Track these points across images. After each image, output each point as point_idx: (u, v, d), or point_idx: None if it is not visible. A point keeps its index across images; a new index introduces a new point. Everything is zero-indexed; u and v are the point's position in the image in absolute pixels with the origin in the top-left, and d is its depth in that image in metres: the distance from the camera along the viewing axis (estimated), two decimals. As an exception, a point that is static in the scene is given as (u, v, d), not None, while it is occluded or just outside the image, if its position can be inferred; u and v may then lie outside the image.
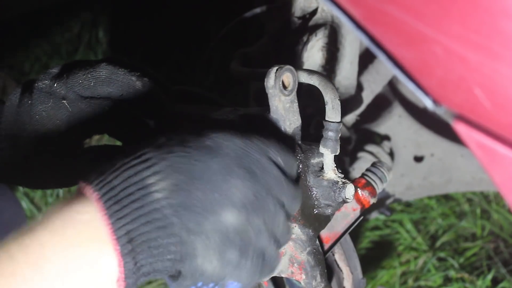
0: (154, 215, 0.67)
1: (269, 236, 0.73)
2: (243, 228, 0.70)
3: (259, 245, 0.72)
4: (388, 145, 1.81)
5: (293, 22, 1.39)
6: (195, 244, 0.68)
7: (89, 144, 1.00)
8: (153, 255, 0.68)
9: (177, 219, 0.68)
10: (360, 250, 2.06)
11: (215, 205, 0.69)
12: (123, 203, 0.68)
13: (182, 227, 0.68)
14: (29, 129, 0.92)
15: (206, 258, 0.69)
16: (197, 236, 0.68)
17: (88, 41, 2.74)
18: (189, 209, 0.68)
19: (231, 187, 0.70)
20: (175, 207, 0.68)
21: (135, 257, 0.67)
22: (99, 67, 0.92)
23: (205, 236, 0.69)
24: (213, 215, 0.69)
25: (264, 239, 0.72)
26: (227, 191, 0.70)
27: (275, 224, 0.73)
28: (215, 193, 0.69)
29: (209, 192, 0.69)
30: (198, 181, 0.69)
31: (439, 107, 0.72)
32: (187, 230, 0.68)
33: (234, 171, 0.71)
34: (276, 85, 0.83)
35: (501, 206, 2.12)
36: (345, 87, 1.43)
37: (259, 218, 0.71)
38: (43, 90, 0.92)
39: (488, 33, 0.60)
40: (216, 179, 0.70)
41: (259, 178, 0.72)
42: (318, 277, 0.89)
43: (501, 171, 0.71)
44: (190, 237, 0.68)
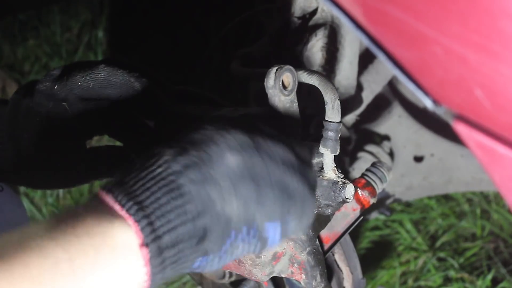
0: (160, 183, 0.67)
1: (281, 165, 0.72)
2: (249, 164, 0.70)
3: (273, 175, 0.71)
4: (388, 145, 1.81)
5: (293, 22, 1.39)
6: (208, 192, 0.68)
7: (90, 145, 1.00)
8: (171, 219, 0.66)
9: (183, 179, 0.67)
10: (360, 250, 2.06)
11: (215, 154, 0.69)
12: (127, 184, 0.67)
13: (191, 183, 0.67)
14: (30, 130, 0.92)
15: (224, 201, 0.68)
16: (207, 185, 0.68)
17: (88, 41, 2.74)
18: (192, 165, 0.68)
19: (226, 136, 0.71)
20: (179, 170, 0.68)
21: (151, 223, 0.64)
22: (97, 69, 0.92)
23: (214, 182, 0.68)
24: (216, 162, 0.69)
25: (276, 168, 0.72)
26: (223, 140, 0.71)
27: (283, 156, 0.73)
28: (212, 146, 0.70)
29: (207, 147, 0.70)
30: (195, 144, 0.70)
31: (439, 107, 0.72)
32: (195, 184, 0.67)
33: (226, 127, 0.72)
34: (276, 85, 0.83)
35: (501, 206, 2.12)
36: (345, 87, 1.43)
37: (262, 153, 0.71)
38: (44, 92, 0.93)
39: (488, 33, 0.60)
40: (211, 136, 0.71)
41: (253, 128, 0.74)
42: (318, 277, 0.89)
43: (501, 171, 0.71)
44: (200, 189, 0.68)
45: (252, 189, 0.69)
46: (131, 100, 0.93)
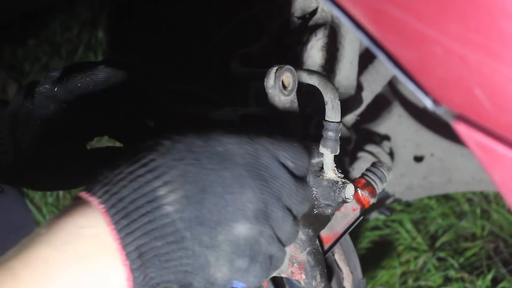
0: (165, 229, 0.66)
1: (277, 242, 0.73)
2: (254, 238, 0.70)
3: (267, 252, 0.72)
4: (388, 145, 1.81)
5: (293, 22, 1.39)
6: (208, 256, 0.68)
7: (91, 146, 1.00)
8: (164, 268, 0.67)
9: (189, 233, 0.67)
10: (360, 250, 2.06)
11: (228, 218, 0.68)
12: (132, 216, 0.65)
13: (195, 241, 0.67)
14: (31, 133, 0.92)
15: (217, 268, 0.69)
16: (210, 249, 0.68)
17: (88, 41, 2.74)
18: (201, 223, 0.67)
19: (244, 200, 0.69)
20: (187, 221, 0.66)
21: (145, 271, 0.66)
22: (97, 70, 0.92)
23: (218, 248, 0.68)
24: (226, 228, 0.68)
25: (273, 245, 0.73)
26: (240, 203, 0.69)
27: (282, 229, 0.74)
28: (228, 206, 0.68)
29: (221, 205, 0.68)
30: (210, 193, 0.68)
31: (439, 107, 0.72)
32: (200, 244, 0.67)
33: (246, 182, 0.70)
34: (276, 85, 0.83)
35: (501, 206, 2.12)
36: (345, 87, 1.43)
37: (269, 227, 0.72)
38: (44, 94, 0.93)
39: (488, 33, 0.60)
40: (229, 191, 0.69)
41: (270, 185, 0.72)
42: (318, 277, 0.89)
43: (501, 171, 0.71)
44: (203, 250, 0.68)
45: (246, 263, 0.70)
46: (132, 100, 0.94)
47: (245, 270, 0.71)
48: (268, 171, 0.72)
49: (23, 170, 0.95)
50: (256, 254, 0.71)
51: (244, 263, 0.70)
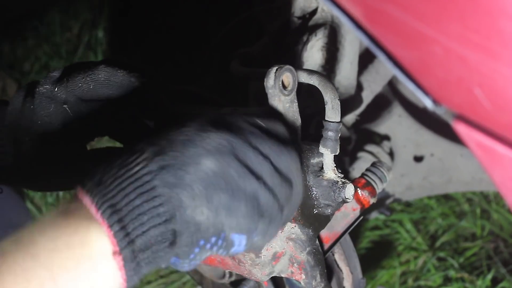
0: (135, 184, 0.68)
1: (256, 179, 0.72)
2: (225, 171, 0.70)
3: (248, 188, 0.71)
4: (388, 145, 1.81)
5: (293, 22, 1.39)
6: (180, 196, 0.68)
7: (91, 146, 1.00)
8: (143, 222, 0.67)
9: (158, 180, 0.68)
10: (360, 250, 2.06)
11: (192, 157, 0.70)
12: (104, 184, 0.68)
13: (164, 186, 0.68)
14: (31, 133, 0.92)
15: (195, 208, 0.69)
16: (180, 188, 0.68)
17: (88, 41, 2.74)
18: (167, 167, 0.69)
19: (205, 139, 0.71)
20: (155, 171, 0.68)
21: (124, 226, 0.66)
22: (97, 69, 0.92)
23: (189, 187, 0.68)
24: (192, 165, 0.69)
25: (251, 181, 0.72)
26: (202, 142, 0.71)
27: (259, 169, 0.73)
28: (190, 148, 0.70)
29: (184, 149, 0.70)
30: (174, 144, 0.70)
31: (439, 107, 0.72)
32: (169, 186, 0.68)
33: (206, 127, 0.72)
34: (276, 85, 0.83)
35: (501, 206, 2.12)
36: (345, 87, 1.43)
37: (239, 162, 0.71)
38: (44, 94, 0.93)
39: (487, 33, 0.61)
40: (190, 137, 0.71)
41: (235, 132, 0.73)
42: (318, 277, 0.89)
43: (501, 171, 0.71)
44: (173, 191, 0.68)
45: (224, 199, 0.70)
46: (132, 100, 0.93)
47: (227, 208, 0.70)
48: (234, 125, 0.74)
49: (23, 170, 0.95)
50: (234, 189, 0.70)
51: (223, 198, 0.69)
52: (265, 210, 0.73)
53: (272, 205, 0.73)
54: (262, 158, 0.73)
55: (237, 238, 0.72)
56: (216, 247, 0.71)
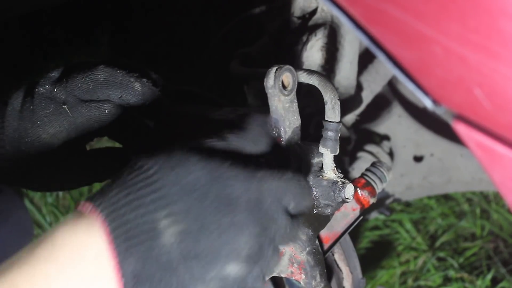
0: (161, 258, 0.68)
1: (262, 280, 0.75)
2: (242, 279, 0.72)
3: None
4: (387, 145, 1.81)
5: (293, 22, 1.39)
6: (195, 287, 0.70)
7: (91, 146, 1.00)
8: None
9: (183, 265, 0.69)
10: (359, 250, 2.06)
11: (222, 257, 0.70)
12: (132, 241, 0.67)
13: (187, 273, 0.69)
14: (31, 134, 0.92)
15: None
16: (199, 282, 0.70)
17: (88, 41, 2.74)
18: (196, 257, 0.69)
19: (239, 243, 0.71)
20: (183, 253, 0.69)
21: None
22: (97, 69, 0.92)
23: (207, 283, 0.70)
24: (218, 265, 0.70)
25: (258, 284, 0.74)
26: (236, 245, 0.71)
27: (269, 267, 0.76)
28: (224, 246, 0.70)
29: (218, 245, 0.70)
30: (210, 232, 0.70)
31: (439, 107, 0.72)
32: (191, 276, 0.69)
33: (245, 227, 0.71)
34: (276, 85, 0.83)
35: (501, 206, 2.12)
36: (345, 87, 1.43)
37: (259, 268, 0.73)
38: (44, 95, 0.93)
39: (487, 33, 0.61)
40: (228, 233, 0.70)
41: (267, 231, 0.73)
42: (317, 277, 0.89)
43: (501, 171, 0.71)
44: (192, 282, 0.69)
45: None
46: (132, 101, 0.93)
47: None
48: (268, 215, 0.74)
49: (23, 170, 0.95)
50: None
51: None
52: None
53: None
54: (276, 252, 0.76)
55: None
56: None
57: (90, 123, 0.95)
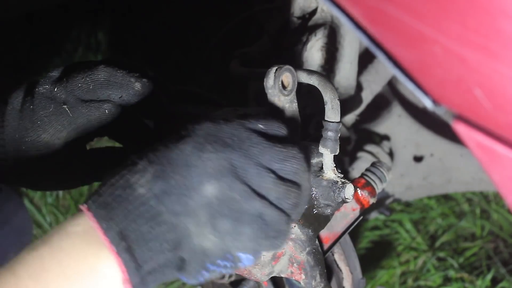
0: (140, 208, 0.69)
1: (260, 198, 0.71)
2: (228, 196, 0.70)
3: (251, 209, 0.71)
4: (387, 145, 1.81)
5: (293, 22, 1.39)
6: (186, 224, 0.69)
7: (91, 146, 1.00)
8: (151, 248, 0.68)
9: (163, 207, 0.69)
10: (359, 250, 2.06)
11: (194, 182, 0.69)
12: (110, 206, 0.69)
13: (170, 212, 0.69)
14: (31, 133, 0.92)
15: (200, 235, 0.69)
16: (186, 216, 0.69)
17: (88, 41, 2.74)
18: (171, 193, 0.69)
19: (204, 161, 0.70)
20: (158, 196, 0.69)
21: (133, 253, 0.68)
22: (97, 69, 0.92)
23: (193, 214, 0.69)
24: (194, 191, 0.69)
25: (255, 201, 0.71)
26: (202, 165, 0.70)
27: (262, 186, 0.72)
28: (191, 171, 0.70)
29: (185, 172, 0.70)
30: (174, 165, 0.70)
31: (439, 107, 0.72)
32: (175, 214, 0.69)
33: (206, 147, 0.71)
34: (276, 85, 0.83)
35: (501, 206, 2.12)
36: (345, 87, 1.43)
37: (240, 182, 0.71)
38: (44, 95, 0.93)
39: (487, 33, 0.61)
40: (190, 158, 0.70)
41: (234, 147, 0.72)
42: (317, 277, 0.89)
43: (501, 171, 0.71)
44: (179, 219, 0.69)
45: (230, 224, 0.70)
46: (132, 101, 0.93)
47: (233, 232, 0.70)
48: (232, 136, 0.73)
49: (23, 170, 0.95)
50: (238, 213, 0.70)
51: (228, 224, 0.70)
52: (271, 228, 0.72)
53: (278, 221, 0.73)
54: (264, 172, 0.72)
55: (244, 256, 0.72)
56: (224, 268, 0.72)
57: (90, 123, 0.95)
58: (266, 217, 0.72)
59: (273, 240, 0.73)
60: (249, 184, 0.71)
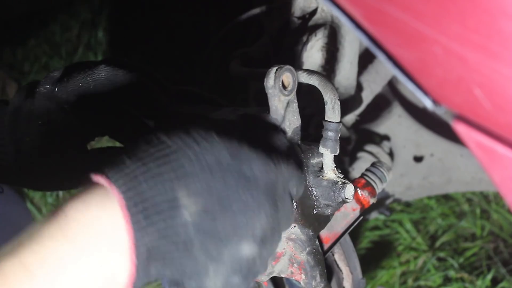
0: (178, 235, 0.67)
1: (268, 262, 0.76)
2: (254, 260, 0.72)
3: (257, 272, 0.74)
4: (387, 145, 1.82)
5: (293, 22, 1.39)
6: (209, 267, 0.69)
7: (91, 146, 1.00)
8: (166, 267, 0.68)
9: (199, 242, 0.68)
10: (360, 250, 2.06)
11: (238, 237, 0.70)
12: (150, 218, 0.65)
13: (202, 250, 0.68)
14: (32, 133, 0.92)
15: (213, 279, 0.70)
16: (213, 261, 0.69)
17: (88, 41, 2.74)
18: (213, 235, 0.68)
19: (256, 223, 0.71)
20: (200, 230, 0.68)
21: (148, 267, 0.67)
22: (98, 69, 0.92)
23: (220, 261, 0.70)
24: (234, 245, 0.70)
25: (263, 267, 0.75)
26: (252, 225, 0.71)
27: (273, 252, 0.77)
28: (241, 226, 0.70)
29: (235, 224, 0.69)
30: (228, 211, 0.69)
31: (439, 107, 0.72)
32: (206, 254, 0.68)
33: (262, 208, 0.71)
34: (276, 85, 0.83)
35: (501, 206, 2.12)
36: (345, 87, 1.43)
37: (267, 250, 0.73)
38: (45, 95, 0.93)
39: (487, 33, 0.61)
40: (245, 213, 0.70)
41: (279, 213, 0.74)
42: (317, 277, 0.89)
43: (501, 171, 0.71)
44: (206, 260, 0.69)
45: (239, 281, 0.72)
46: (132, 100, 0.93)
47: (236, 286, 0.72)
48: (281, 201, 0.75)
49: (24, 170, 0.95)
50: (250, 274, 0.73)
51: (238, 280, 0.72)
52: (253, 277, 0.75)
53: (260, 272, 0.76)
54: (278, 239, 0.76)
55: None
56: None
57: (91, 123, 0.95)
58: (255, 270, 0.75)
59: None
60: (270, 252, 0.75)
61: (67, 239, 0.63)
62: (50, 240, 0.63)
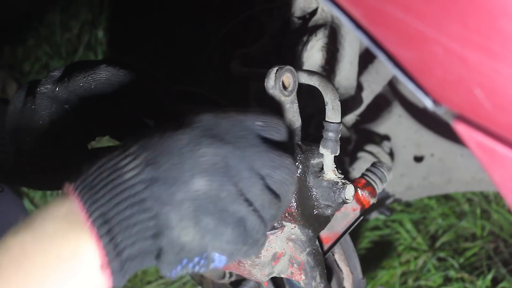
0: (126, 193, 0.67)
1: (246, 204, 0.70)
2: (215, 194, 0.69)
3: (236, 212, 0.70)
4: (388, 145, 1.82)
5: (293, 22, 1.39)
6: (169, 215, 0.67)
7: (91, 146, 1.00)
8: (132, 234, 0.67)
9: (149, 193, 0.67)
10: (360, 250, 2.06)
11: (185, 174, 0.68)
12: (96, 188, 0.68)
13: (155, 200, 0.67)
14: (33, 133, 0.92)
15: (182, 229, 0.68)
16: (170, 206, 0.67)
17: (88, 41, 2.74)
18: (159, 181, 0.68)
19: (199, 155, 0.69)
20: (146, 182, 0.68)
21: (113, 238, 0.66)
22: (99, 69, 0.92)
23: (178, 206, 0.67)
24: (184, 184, 0.68)
25: (241, 205, 0.70)
26: (196, 159, 0.69)
27: (250, 191, 0.71)
28: (184, 163, 0.69)
29: (178, 163, 0.68)
30: (167, 154, 0.69)
31: (439, 107, 0.72)
32: (160, 203, 0.67)
33: (202, 140, 0.70)
34: (276, 86, 0.83)
35: (501, 206, 2.12)
36: (345, 88, 1.43)
37: (231, 183, 0.69)
38: (45, 94, 0.92)
39: (488, 33, 0.61)
40: (185, 150, 0.69)
41: (230, 145, 0.71)
42: (317, 278, 0.89)
43: (501, 171, 0.71)
44: (163, 209, 0.67)
45: (212, 222, 0.68)
46: (133, 100, 0.94)
47: (214, 232, 0.69)
48: (230, 133, 0.72)
49: (24, 170, 0.95)
50: (223, 213, 0.69)
51: (211, 222, 0.68)
52: (250, 235, 0.71)
53: (258, 230, 0.72)
54: (255, 177, 0.71)
55: (218, 257, 0.71)
56: (198, 265, 0.71)
57: (92, 123, 0.95)
58: (248, 223, 0.71)
59: (250, 248, 0.72)
60: (238, 187, 0.70)
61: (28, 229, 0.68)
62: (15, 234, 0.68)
